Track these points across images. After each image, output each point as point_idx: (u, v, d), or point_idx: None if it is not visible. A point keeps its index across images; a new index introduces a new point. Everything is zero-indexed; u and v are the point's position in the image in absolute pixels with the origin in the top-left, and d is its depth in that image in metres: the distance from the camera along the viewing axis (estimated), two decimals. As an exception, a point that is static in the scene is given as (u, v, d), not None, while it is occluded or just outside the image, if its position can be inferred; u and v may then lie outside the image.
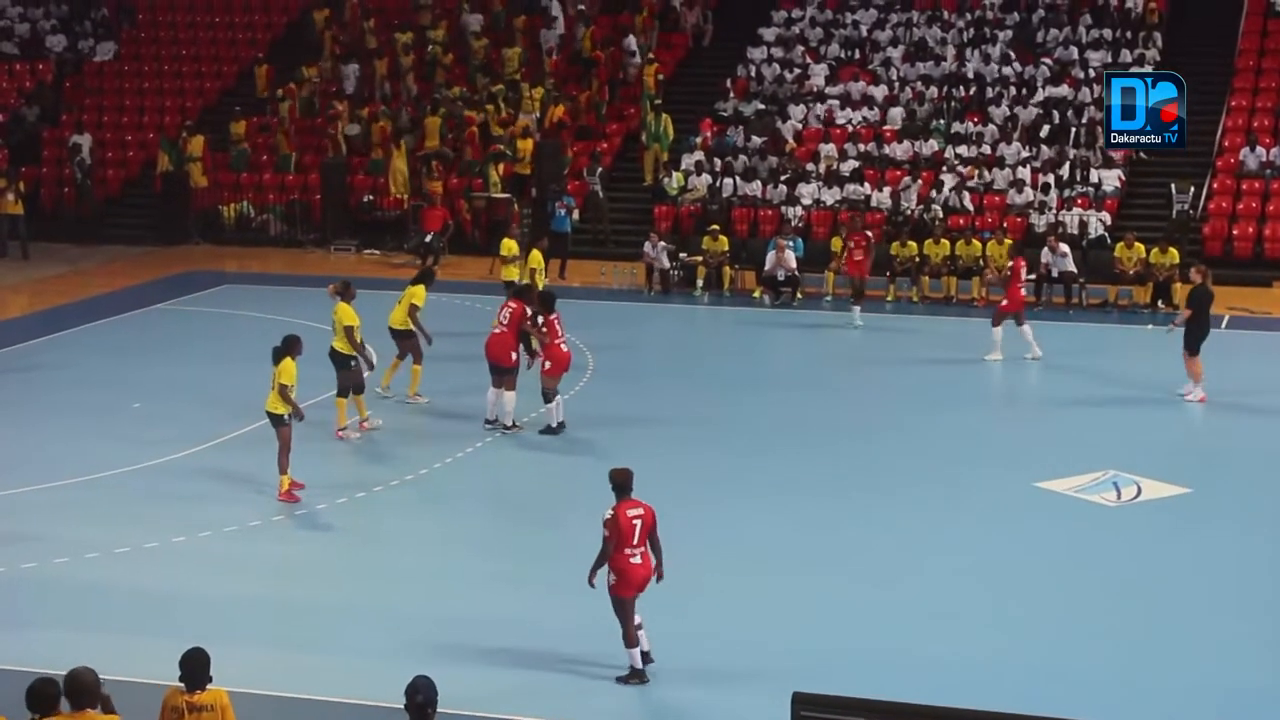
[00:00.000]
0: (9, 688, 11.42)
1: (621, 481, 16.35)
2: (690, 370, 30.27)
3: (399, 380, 27.16)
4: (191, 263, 41.00)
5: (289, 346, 21.86)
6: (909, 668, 16.49)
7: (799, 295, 35.71)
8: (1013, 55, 43.37)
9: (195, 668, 12.07)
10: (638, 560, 16.12)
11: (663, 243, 37.38)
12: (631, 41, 45.69)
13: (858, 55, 45.01)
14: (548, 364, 25.16)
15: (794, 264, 35.79)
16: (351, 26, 48.83)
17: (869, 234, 35.22)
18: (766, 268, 36.03)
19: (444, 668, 15.07)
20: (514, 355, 25.33)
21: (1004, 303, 30.30)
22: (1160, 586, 19.34)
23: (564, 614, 17.59)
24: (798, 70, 44.54)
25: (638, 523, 16.10)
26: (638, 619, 16.34)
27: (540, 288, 28.76)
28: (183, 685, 12.06)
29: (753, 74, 44.71)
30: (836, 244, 36.54)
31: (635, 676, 16.32)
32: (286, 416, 21.75)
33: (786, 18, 46.75)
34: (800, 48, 45.34)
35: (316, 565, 20.23)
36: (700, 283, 37.12)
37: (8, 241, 41.70)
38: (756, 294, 36.40)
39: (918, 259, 36.24)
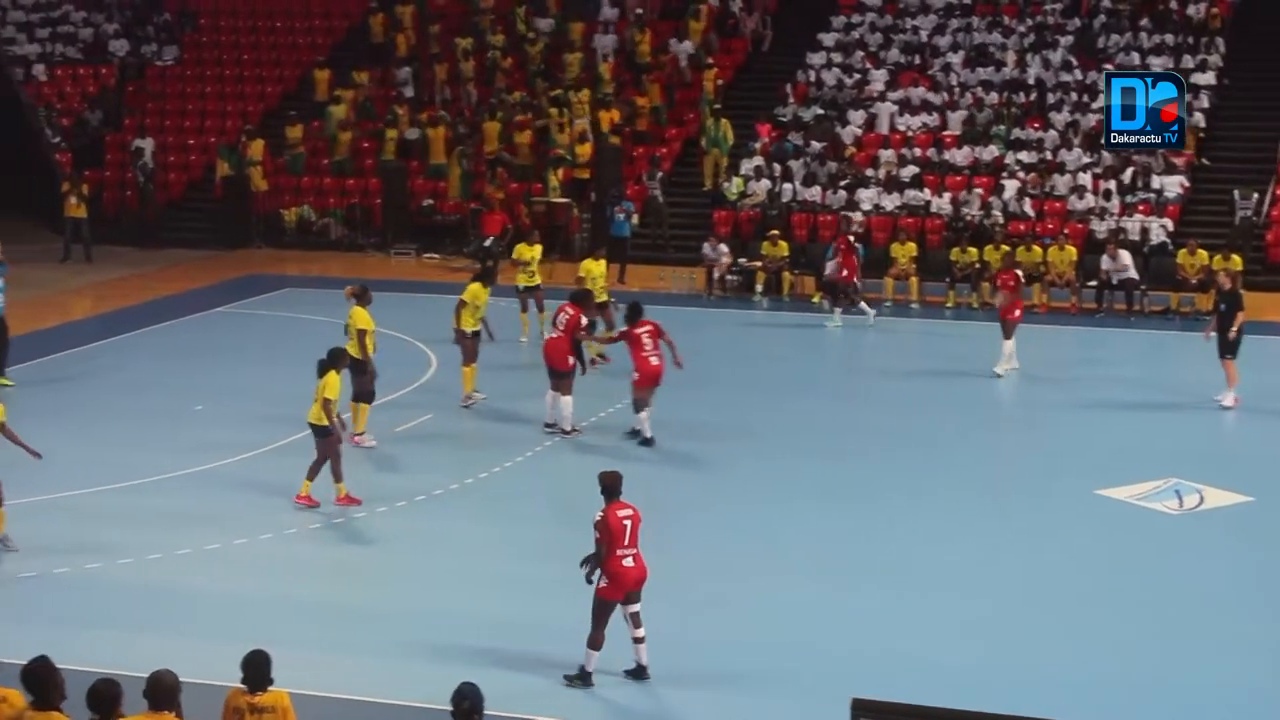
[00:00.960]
0: (71, 687, 11.48)
1: (610, 484, 16.49)
2: (748, 376, 30.21)
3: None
4: (253, 266, 41.22)
5: (334, 360, 21.89)
6: (967, 676, 16.44)
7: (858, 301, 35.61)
8: (1074, 61, 43.16)
9: (257, 669, 12.13)
10: (630, 563, 16.19)
11: (722, 245, 37.42)
12: (688, 45, 45.67)
13: (918, 60, 44.89)
14: (636, 375, 24.96)
15: (853, 270, 35.70)
16: (411, 31, 48.93)
17: (850, 237, 35.36)
18: (826, 273, 35.94)
19: (495, 671, 15.28)
20: (570, 359, 25.33)
21: (1017, 313, 29.76)
22: (1222, 595, 19.22)
23: (615, 619, 17.60)
24: (857, 75, 44.46)
25: (628, 523, 16.19)
26: (641, 631, 16.40)
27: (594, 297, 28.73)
28: (245, 686, 12.12)
29: (812, 79, 44.63)
30: (896, 250, 36.56)
31: (582, 679, 16.37)
32: (331, 426, 21.78)
33: (846, 23, 46.66)
34: (860, 53, 45.25)
35: (374, 569, 20.34)
36: (759, 288, 37.10)
37: (71, 245, 41.99)
38: (815, 299, 36.33)
39: (978, 265, 36.12)
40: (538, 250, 32.16)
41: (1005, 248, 35.44)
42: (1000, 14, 45.57)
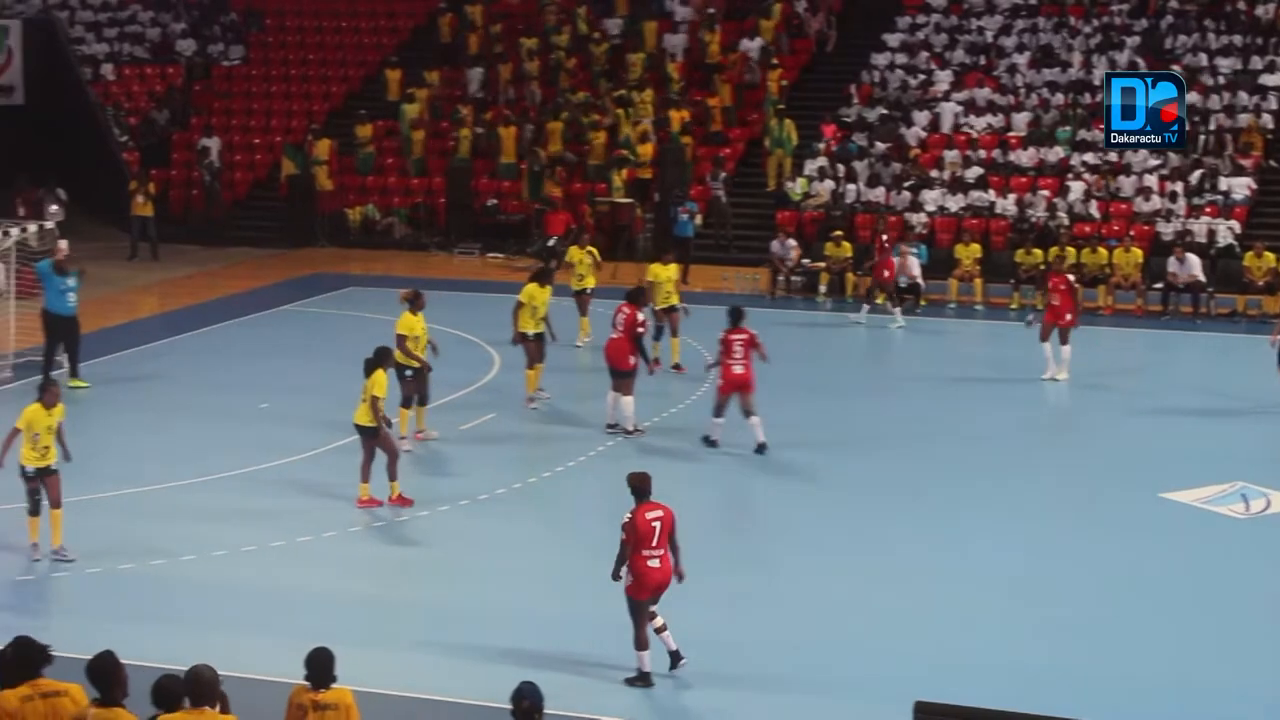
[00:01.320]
0: (136, 683, 11.54)
1: (638, 485, 16.58)
2: (811, 376, 30.16)
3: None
4: (317, 265, 41.40)
5: (381, 358, 21.90)
6: (1031, 680, 16.36)
7: (922, 302, 35.53)
8: (1140, 62, 42.86)
9: (320, 666, 12.14)
10: (655, 564, 16.25)
11: (791, 240, 37.41)
12: (758, 44, 45.53)
13: (983, 61, 44.71)
14: (720, 380, 24.64)
15: (917, 271, 35.62)
16: (482, 31, 49.04)
17: (884, 236, 35.60)
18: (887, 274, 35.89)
19: (555, 670, 15.36)
20: (631, 359, 25.31)
21: (1069, 317, 29.22)
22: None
23: (679, 620, 17.59)
24: (922, 76, 44.34)
25: (656, 525, 16.25)
26: (660, 620, 16.48)
27: (651, 302, 28.75)
28: (308, 683, 12.15)
29: (877, 80, 44.53)
30: (960, 251, 36.45)
31: (642, 680, 16.41)
32: (379, 424, 21.70)
33: (911, 23, 46.54)
34: (925, 54, 45.11)
35: (437, 567, 20.39)
36: (823, 288, 37.03)
37: (138, 243, 42.29)
38: (880, 300, 36.21)
39: (1042, 267, 35.89)
40: (587, 253, 31.89)
41: (1071, 250, 35.28)
42: (1066, 14, 45.34)
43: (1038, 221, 38.26)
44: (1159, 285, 35.36)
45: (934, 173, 40.80)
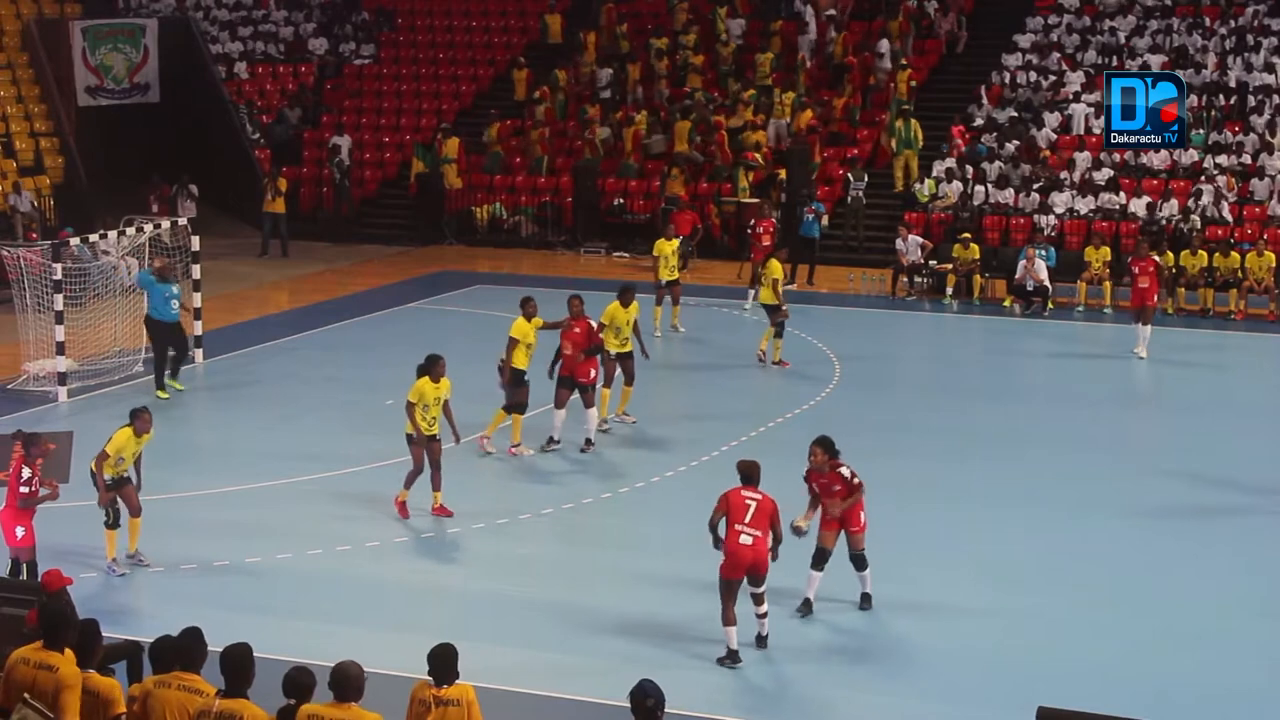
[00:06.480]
0: (267, 675, 11.68)
1: (743, 472, 16.97)
2: (934, 379, 30.01)
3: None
4: (445, 263, 41.66)
5: (427, 365, 21.64)
6: (1160, 692, 16.19)
7: (1050, 305, 35.23)
8: (1277, 63, 42.24)
9: (443, 662, 12.22)
10: (747, 540, 16.47)
11: (913, 235, 37.17)
12: (884, 45, 45.33)
13: (1115, 62, 44.19)
14: None
15: (1044, 274, 35.29)
16: (607, 31, 49.16)
17: (753, 223, 35.59)
18: (1016, 276, 35.59)
19: (673, 669, 15.31)
20: (592, 373, 24.81)
21: (1155, 299, 31.10)
22: None
23: (804, 624, 17.57)
24: (1053, 77, 43.94)
25: (751, 504, 16.57)
26: (762, 609, 16.74)
27: (779, 300, 28.83)
28: (431, 679, 12.24)
29: (1007, 80, 44.18)
30: (1089, 254, 36.08)
31: (730, 657, 16.62)
32: (415, 435, 21.42)
33: (1043, 24, 46.13)
34: (1056, 54, 44.70)
35: (560, 565, 20.42)
36: (950, 290, 36.79)
37: (269, 240, 42.79)
38: (1007, 303, 35.96)
39: (1174, 270, 35.49)
40: (674, 245, 32.46)
41: (1270, 255, 34.93)
42: (1201, 15, 44.75)
43: (1169, 225, 37.79)
44: (1275, 288, 34.90)
45: (1064, 175, 40.41)
